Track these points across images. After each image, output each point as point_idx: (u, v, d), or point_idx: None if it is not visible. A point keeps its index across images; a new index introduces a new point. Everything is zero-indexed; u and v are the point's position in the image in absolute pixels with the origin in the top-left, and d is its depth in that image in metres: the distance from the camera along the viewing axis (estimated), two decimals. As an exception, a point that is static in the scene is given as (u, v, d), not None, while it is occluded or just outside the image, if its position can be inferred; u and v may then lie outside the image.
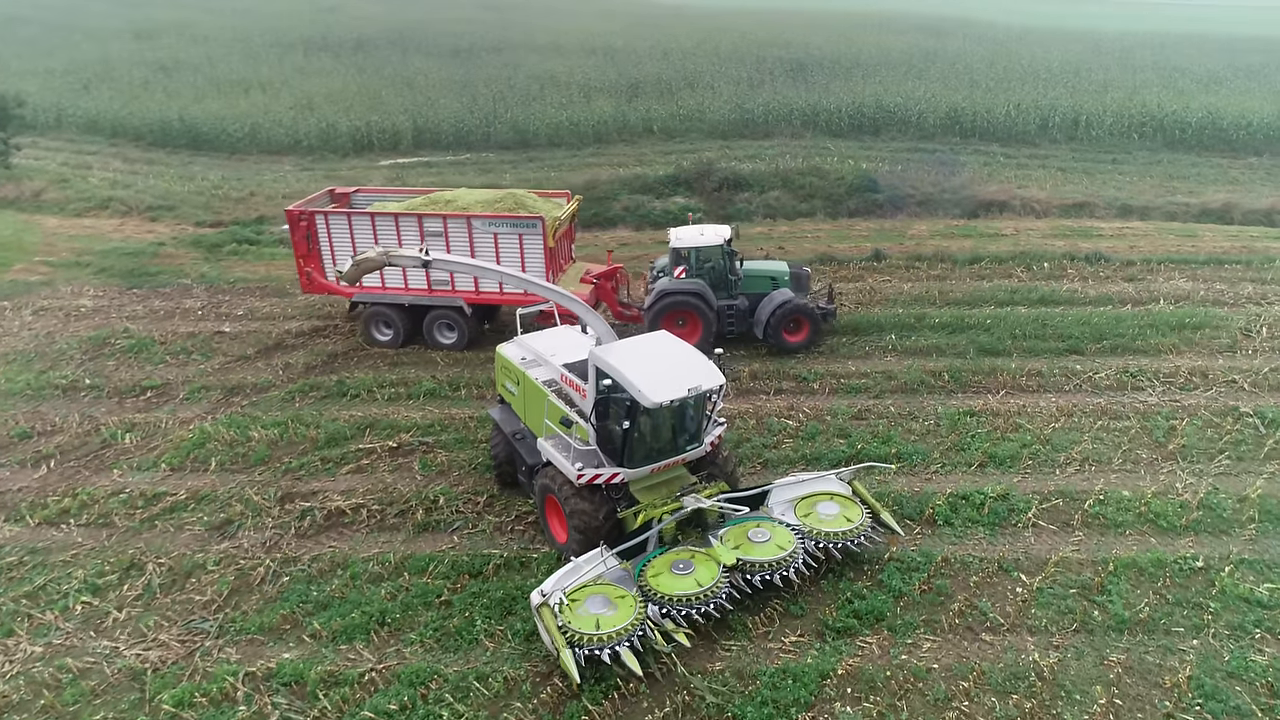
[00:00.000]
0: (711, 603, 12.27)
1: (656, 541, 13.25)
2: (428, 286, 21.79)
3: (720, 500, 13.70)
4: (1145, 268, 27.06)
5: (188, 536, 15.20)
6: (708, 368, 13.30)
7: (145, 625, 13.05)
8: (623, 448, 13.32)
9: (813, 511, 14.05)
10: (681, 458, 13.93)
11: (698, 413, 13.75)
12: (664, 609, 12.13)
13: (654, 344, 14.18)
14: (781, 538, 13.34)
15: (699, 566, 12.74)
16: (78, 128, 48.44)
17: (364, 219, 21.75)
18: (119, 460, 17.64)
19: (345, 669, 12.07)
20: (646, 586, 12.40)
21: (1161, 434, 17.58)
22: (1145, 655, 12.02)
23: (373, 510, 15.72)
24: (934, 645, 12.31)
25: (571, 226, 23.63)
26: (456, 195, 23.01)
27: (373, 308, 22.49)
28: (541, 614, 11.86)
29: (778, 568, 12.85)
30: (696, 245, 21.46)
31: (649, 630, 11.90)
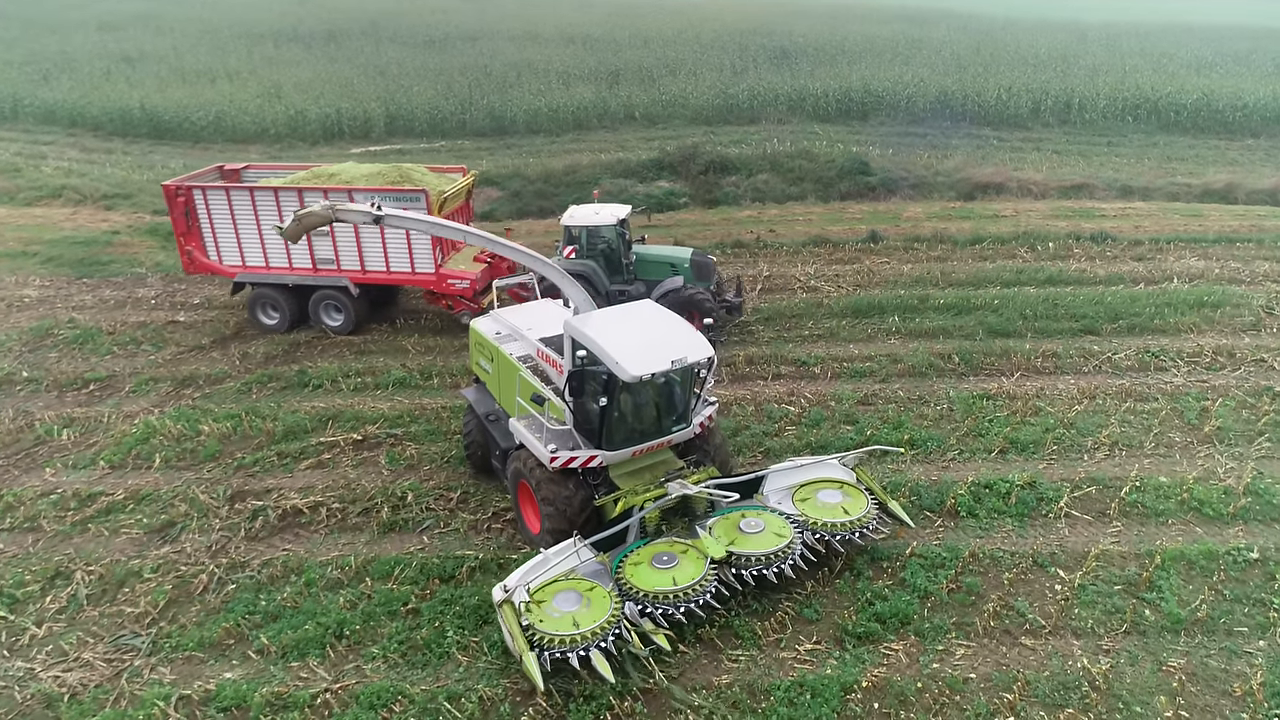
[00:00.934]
0: (697, 600, 10.78)
1: (638, 532, 11.79)
2: (312, 266, 20.54)
3: (709, 486, 12.11)
4: (1154, 247, 25.83)
5: (123, 541, 13.50)
6: (695, 339, 11.81)
7: (67, 643, 11.36)
8: (600, 428, 11.83)
9: (812, 500, 12.58)
10: (666, 440, 12.42)
11: (684, 390, 12.31)
12: (643, 607, 10.69)
13: (637, 313, 12.70)
14: (777, 528, 11.88)
15: (684, 560, 11.30)
16: (34, 118, 46.35)
17: (243, 194, 20.25)
18: (53, 458, 15.90)
19: (295, 690, 10.44)
20: (625, 582, 10.95)
21: (1194, 416, 16.25)
22: (1208, 659, 10.62)
23: (333, 509, 14.08)
24: (968, 652, 10.84)
25: (468, 203, 22.34)
26: (341, 169, 21.68)
27: (257, 289, 21.11)
28: (503, 611, 10.41)
29: (772, 561, 11.39)
30: (588, 224, 20.05)
31: (625, 631, 10.38)
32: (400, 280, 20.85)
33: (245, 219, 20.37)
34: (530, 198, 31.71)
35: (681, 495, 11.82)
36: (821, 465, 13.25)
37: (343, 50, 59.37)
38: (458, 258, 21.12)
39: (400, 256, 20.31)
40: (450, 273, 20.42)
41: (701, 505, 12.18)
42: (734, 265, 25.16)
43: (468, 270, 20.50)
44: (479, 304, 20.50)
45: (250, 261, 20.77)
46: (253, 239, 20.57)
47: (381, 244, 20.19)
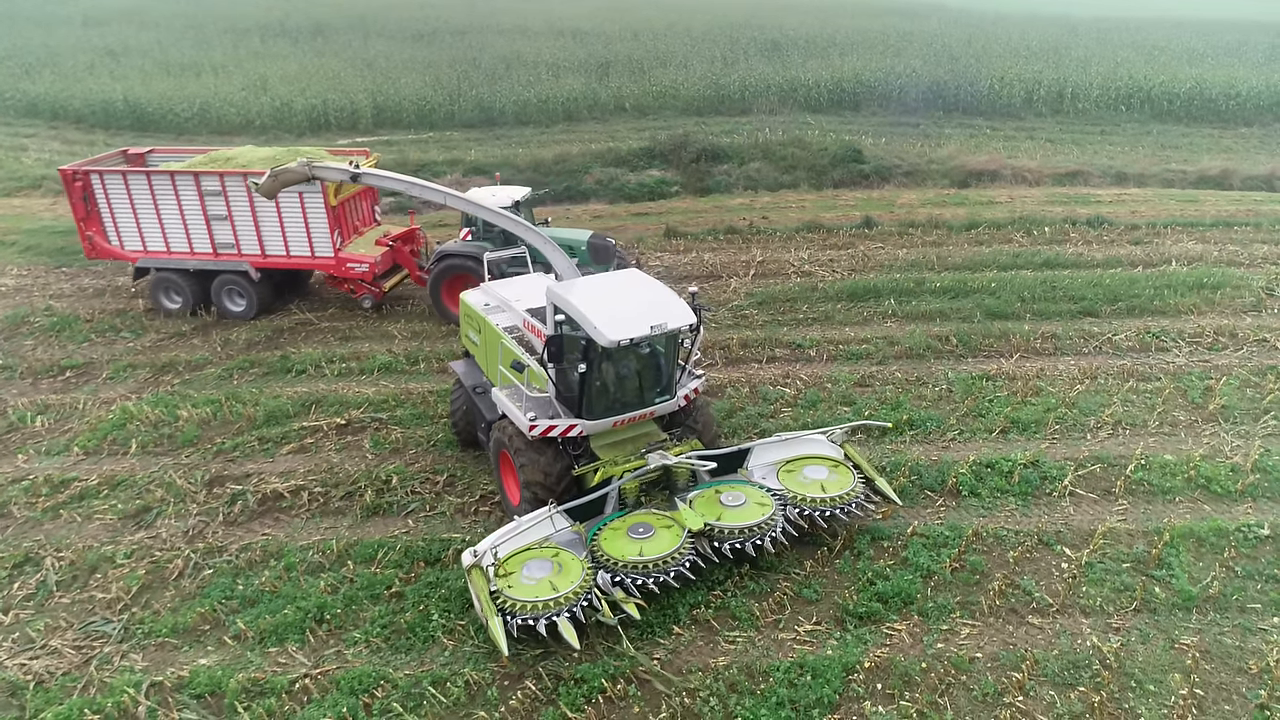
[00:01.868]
0: (672, 570, 10.52)
1: (616, 503, 11.48)
2: (213, 250, 20.26)
3: (690, 457, 11.77)
4: (1150, 231, 25.52)
5: (96, 526, 13.01)
6: (677, 306, 11.44)
7: (35, 630, 10.87)
8: (580, 396, 11.47)
9: (797, 475, 12.20)
10: (649, 411, 12.05)
11: (668, 360, 11.95)
12: (616, 576, 10.43)
13: (621, 280, 12.42)
14: (759, 502, 11.53)
15: (661, 531, 11.01)
16: (16, 111, 45.64)
17: (140, 178, 19.89)
18: (25, 445, 15.38)
19: (273, 675, 9.98)
20: (599, 551, 10.68)
21: (1198, 395, 15.91)
22: (1222, 637, 10.25)
23: (315, 493, 13.61)
24: (974, 631, 10.45)
25: (372, 188, 21.92)
26: (238, 153, 21.27)
27: (159, 274, 20.74)
28: (471, 576, 10.25)
29: (751, 534, 11.06)
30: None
31: (596, 600, 10.11)
32: (300, 264, 20.51)
33: (144, 203, 20.06)
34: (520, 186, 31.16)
35: (662, 467, 11.54)
36: (808, 441, 12.90)
37: (330, 44, 58.70)
38: (359, 241, 20.90)
39: (299, 240, 20.03)
40: (349, 256, 20.18)
41: (683, 478, 11.85)
42: (726, 251, 24.77)
43: (367, 254, 20.25)
44: (380, 287, 20.44)
45: (151, 246, 20.46)
46: (152, 223, 20.28)
47: (280, 228, 19.93)
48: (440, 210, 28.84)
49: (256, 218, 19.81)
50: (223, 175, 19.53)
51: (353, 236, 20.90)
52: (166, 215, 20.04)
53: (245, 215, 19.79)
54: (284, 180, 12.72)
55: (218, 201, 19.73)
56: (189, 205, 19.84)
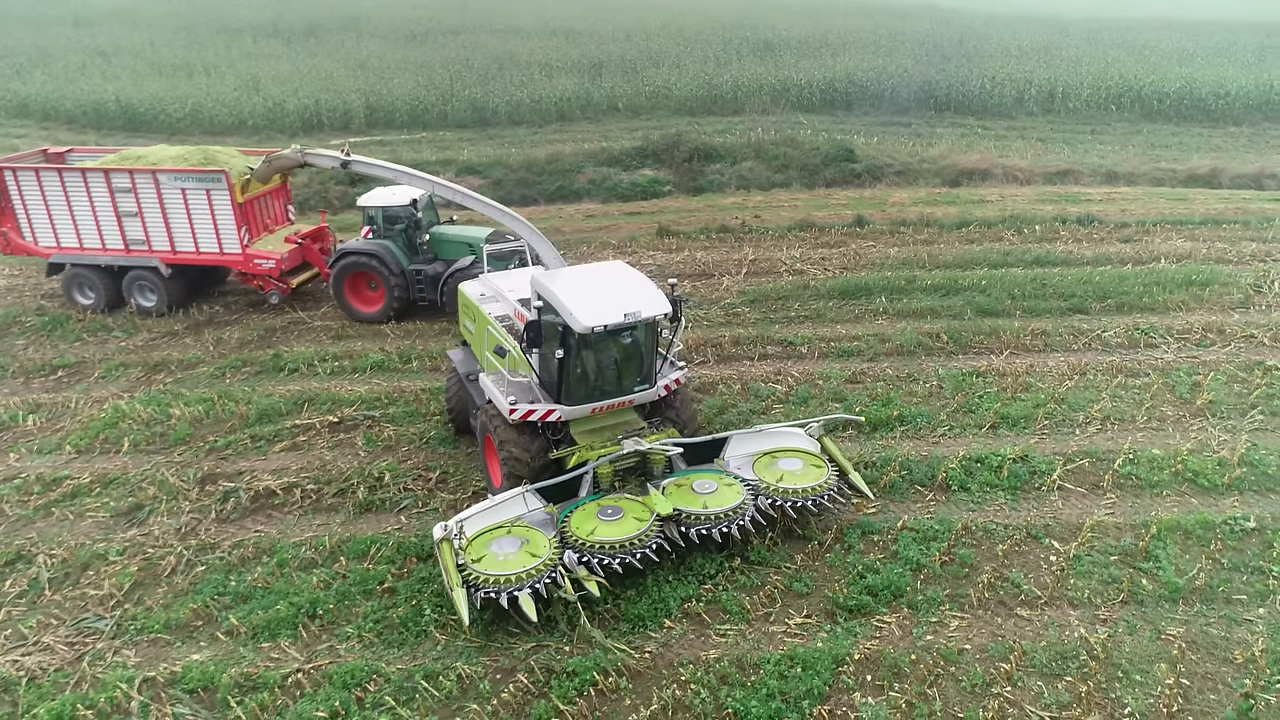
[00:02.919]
0: (638, 552, 10.81)
1: (591, 487, 11.76)
2: (124, 247, 20.52)
3: (666, 443, 12.03)
4: (1140, 229, 25.67)
5: (89, 524, 13.02)
6: (654, 296, 11.71)
7: (26, 626, 10.88)
8: (559, 381, 11.84)
9: (773, 467, 12.41)
10: (628, 399, 12.35)
11: (648, 350, 12.20)
12: (583, 556, 10.73)
13: (603, 271, 12.82)
14: (729, 490, 11.75)
15: (630, 514, 11.29)
16: (7, 111, 45.53)
17: (53, 174, 20.20)
18: (17, 444, 15.37)
19: (266, 670, 10.01)
20: (567, 531, 11.02)
21: (1186, 390, 16.03)
22: (1208, 628, 10.34)
23: (307, 490, 13.63)
24: (963, 623, 10.53)
25: (285, 186, 22.24)
26: (149, 152, 21.59)
27: (73, 270, 21.04)
28: (441, 549, 10.65)
29: (719, 521, 11.29)
30: (382, 205, 20.24)
31: (560, 577, 10.44)
32: (209, 261, 20.73)
33: (57, 200, 20.29)
34: (512, 186, 31.27)
35: (638, 454, 11.83)
36: (786, 434, 13.09)
37: (322, 45, 58.68)
38: (269, 239, 21.14)
39: (208, 237, 20.28)
40: (257, 253, 20.42)
41: (659, 465, 12.10)
42: (719, 250, 24.85)
43: (275, 250, 20.52)
44: (288, 284, 20.80)
45: (65, 242, 20.69)
46: (65, 220, 20.49)
47: (189, 225, 20.18)
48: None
49: (166, 215, 20.12)
50: (133, 173, 19.88)
51: (262, 234, 21.17)
52: (79, 212, 20.35)
53: (155, 212, 20.11)
54: (278, 166, 13.29)
55: (128, 199, 20.05)
56: (101, 202, 20.16)
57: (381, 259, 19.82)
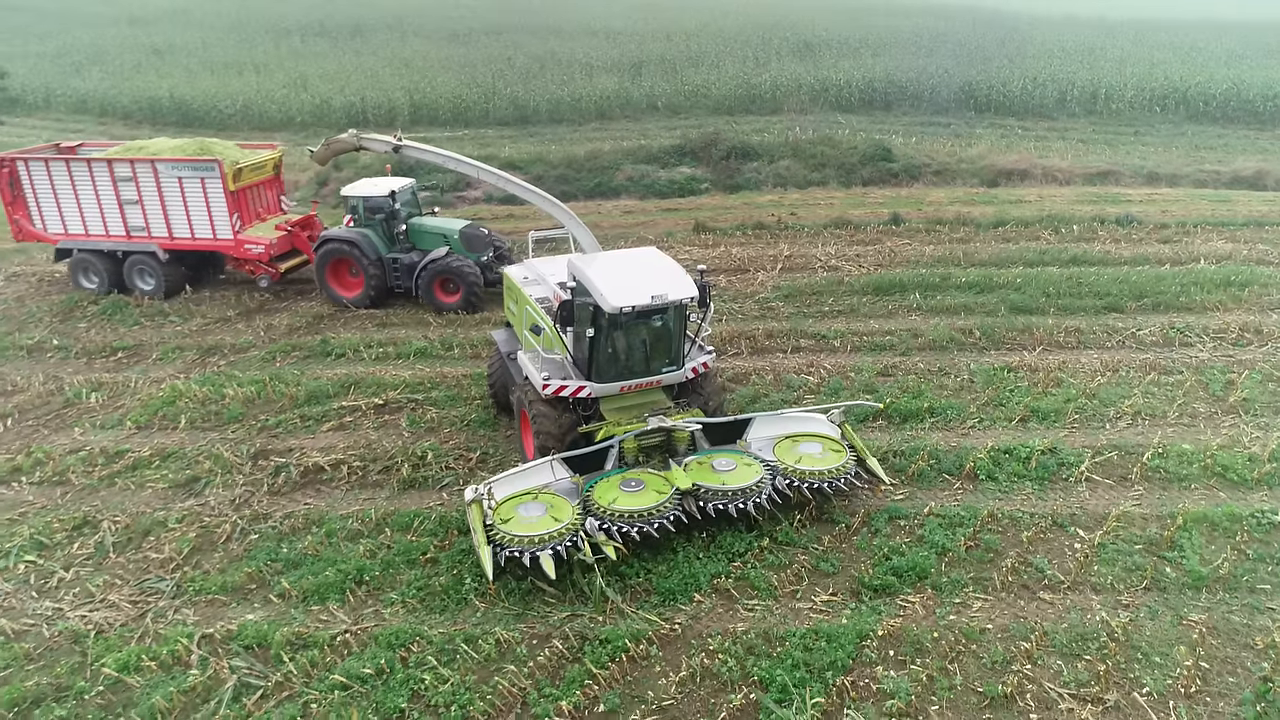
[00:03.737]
0: (656, 522, 11.39)
1: (617, 461, 12.48)
2: (126, 233, 21.72)
3: (690, 421, 12.68)
4: (1180, 230, 25.55)
5: (149, 494, 13.72)
6: (681, 280, 12.38)
7: (94, 585, 11.56)
8: (590, 360, 12.54)
9: (793, 451, 12.85)
10: (656, 379, 12.99)
11: (676, 333, 12.79)
12: (603, 523, 11.34)
13: (635, 256, 13.75)
14: (748, 470, 12.25)
15: (650, 487, 11.91)
16: (66, 107, 47.11)
17: (60, 164, 21.46)
18: (81, 419, 16.19)
19: (315, 630, 10.58)
20: (590, 500, 11.67)
21: (1219, 388, 16.08)
22: (1230, 615, 10.51)
23: (354, 467, 14.22)
24: (986, 605, 10.80)
25: (277, 177, 23.41)
26: (151, 143, 23.00)
27: (78, 255, 22.16)
28: (471, 510, 11.44)
29: (736, 497, 11.82)
30: (364, 195, 21.19)
31: (580, 541, 11.08)
32: (204, 246, 21.86)
33: (64, 189, 21.53)
34: (552, 182, 31.73)
35: (664, 431, 12.46)
36: (808, 420, 13.55)
37: (368, 44, 59.83)
38: (261, 227, 22.20)
39: (202, 224, 21.46)
40: (248, 239, 21.55)
41: (683, 443, 12.67)
42: (754, 246, 25.18)
43: (264, 237, 21.63)
44: (277, 269, 21.85)
45: (71, 229, 21.90)
46: (72, 208, 21.68)
47: (185, 212, 21.29)
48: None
49: (164, 202, 21.29)
50: (134, 162, 21.14)
51: (254, 221, 22.23)
52: (85, 200, 21.56)
53: (154, 200, 21.31)
54: (335, 149, 14.74)
55: (129, 187, 21.25)
56: (105, 191, 21.38)
57: (359, 247, 20.78)
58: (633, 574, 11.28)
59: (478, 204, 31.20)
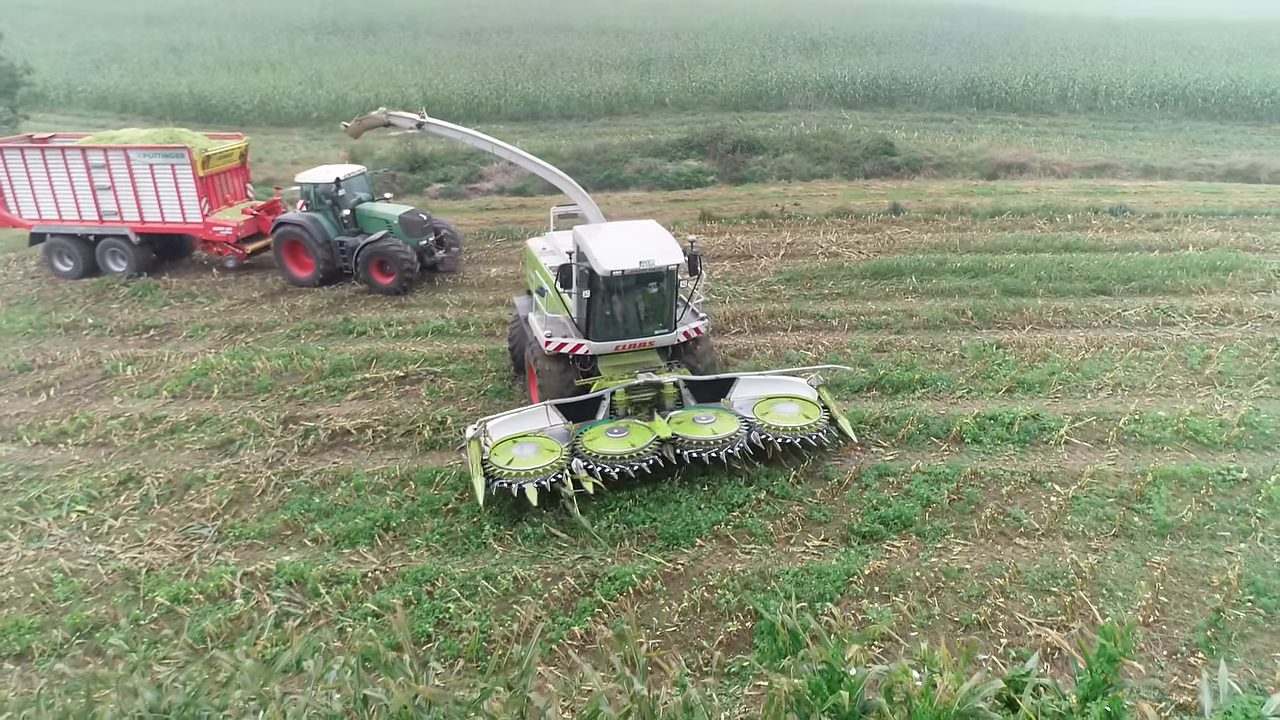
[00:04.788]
0: (634, 465, 12.66)
1: (608, 412, 13.81)
2: (99, 217, 22.81)
3: (679, 380, 14.06)
4: (1171, 219, 26.32)
5: (187, 454, 14.71)
6: (670, 248, 13.75)
7: (141, 531, 12.55)
8: (587, 320, 14.04)
9: (771, 411, 13.99)
10: (649, 340, 14.29)
11: (666, 296, 14.08)
12: (587, 464, 12.63)
13: (633, 227, 15.16)
14: (726, 423, 13.48)
15: (634, 434, 13.22)
16: (87, 103, 48.30)
17: (35, 153, 22.67)
18: (119, 389, 17.19)
19: (348, 569, 11.54)
20: (578, 444, 12.98)
21: (1197, 362, 16.91)
22: (1190, 558, 11.37)
23: (378, 430, 15.20)
24: (965, 549, 11.69)
25: (244, 166, 24.69)
26: (121, 133, 24.23)
27: (53, 239, 23.21)
28: (470, 445, 12.88)
29: (711, 447, 13.00)
30: (314, 182, 22.51)
31: (564, 478, 12.35)
32: (174, 229, 23.13)
33: (39, 176, 22.65)
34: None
35: (654, 387, 13.82)
36: (789, 383, 14.71)
37: (381, 43, 60.94)
38: (228, 211, 23.46)
39: (173, 208, 22.72)
40: (216, 221, 22.89)
41: (671, 399, 14.15)
42: (758, 234, 26.05)
43: (232, 220, 23.01)
44: (242, 250, 23.20)
45: (45, 214, 22.97)
46: (46, 194, 22.84)
47: (156, 197, 22.55)
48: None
49: (136, 188, 22.51)
50: (106, 150, 22.39)
51: (221, 206, 23.45)
52: (59, 187, 22.71)
53: (126, 186, 22.49)
54: (366, 124, 17.10)
55: (103, 174, 22.43)
56: (78, 177, 22.52)
57: (308, 230, 22.07)
58: (639, 521, 12.21)
59: (490, 195, 32.18)
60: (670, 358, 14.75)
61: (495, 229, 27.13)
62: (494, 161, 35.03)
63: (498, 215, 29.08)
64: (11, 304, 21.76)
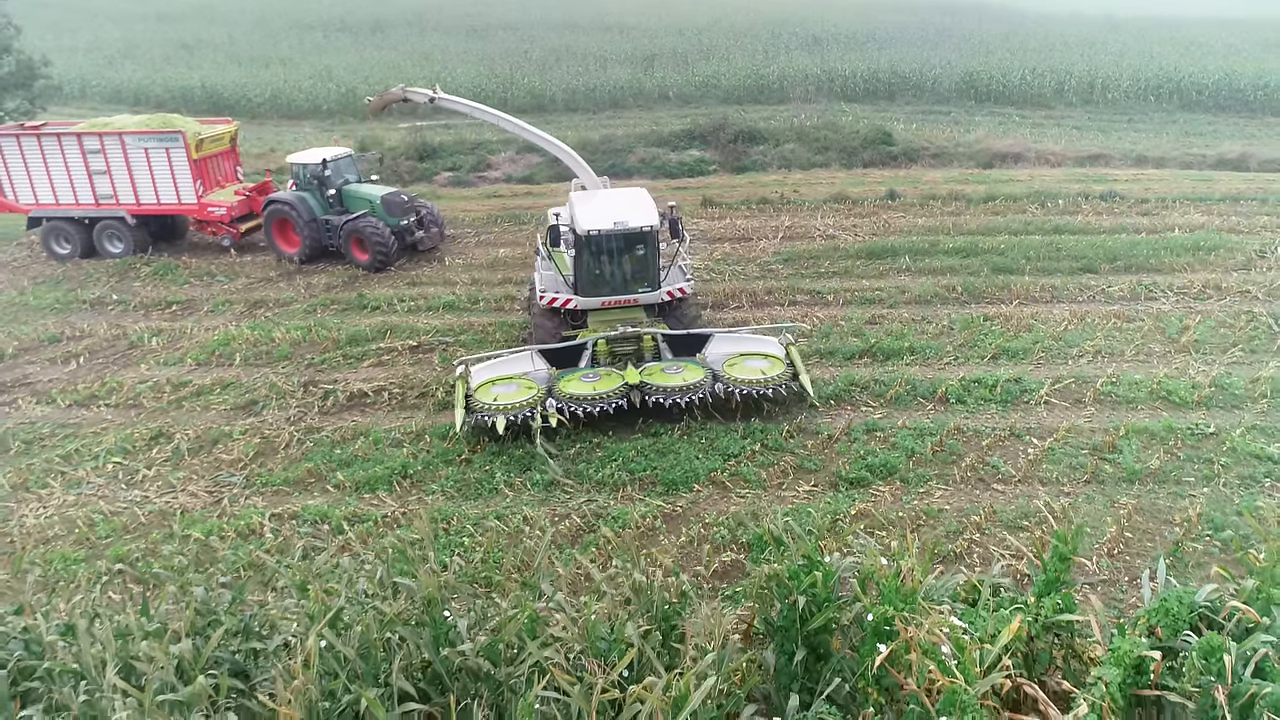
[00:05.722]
0: (599, 406, 13.88)
1: (589, 361, 15.02)
2: (95, 200, 23.67)
3: (658, 333, 15.23)
4: (1159, 204, 27.04)
5: (214, 414, 15.56)
6: (646, 211, 15.33)
7: (174, 479, 13.39)
8: (575, 276, 15.50)
9: (739, 365, 14.99)
10: (633, 298, 15.57)
11: (650, 258, 15.38)
12: (559, 404, 13.92)
13: (620, 194, 16.87)
14: (692, 374, 14.55)
15: (605, 379, 14.45)
16: (101, 97, 49.17)
17: (32, 139, 23.43)
18: (145, 358, 18.05)
19: (369, 511, 12.37)
20: (554, 387, 14.29)
21: (1174, 331, 17.67)
22: (1156, 500, 12.16)
23: (394, 393, 16.04)
24: (946, 493, 12.49)
25: (234, 149, 25.77)
26: (114, 120, 25.14)
27: (50, 223, 24.06)
28: (458, 382, 14.34)
29: (673, 393, 14.08)
30: (303, 163, 23.48)
31: (534, 413, 13.59)
32: (169, 210, 24.12)
33: (35, 162, 23.43)
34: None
35: (634, 339, 15.23)
36: (759, 341, 15.76)
37: (389, 39, 61.93)
38: (221, 193, 24.41)
39: (168, 190, 23.65)
40: (210, 202, 23.83)
41: (649, 351, 15.35)
42: (758, 218, 26.83)
43: (225, 200, 23.97)
44: (237, 229, 24.08)
45: (42, 199, 23.74)
46: (43, 179, 23.66)
47: (151, 180, 23.46)
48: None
49: (131, 172, 23.39)
50: (102, 135, 23.25)
51: (214, 188, 24.41)
52: (55, 172, 23.55)
53: (122, 170, 23.35)
54: (386, 99, 18.67)
55: (98, 159, 23.24)
56: (74, 163, 23.34)
57: (295, 209, 22.98)
58: (640, 470, 13.04)
59: (498, 183, 33.03)
60: (656, 316, 15.96)
61: (503, 214, 27.96)
62: (501, 151, 36.04)
63: (505, 202, 29.90)
64: (38, 283, 22.63)
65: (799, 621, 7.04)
